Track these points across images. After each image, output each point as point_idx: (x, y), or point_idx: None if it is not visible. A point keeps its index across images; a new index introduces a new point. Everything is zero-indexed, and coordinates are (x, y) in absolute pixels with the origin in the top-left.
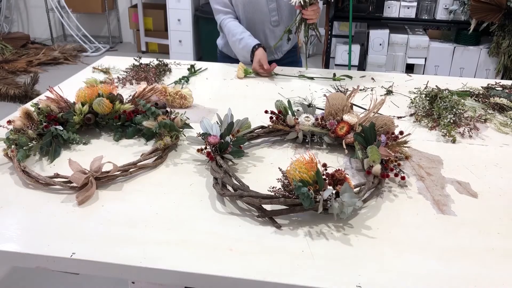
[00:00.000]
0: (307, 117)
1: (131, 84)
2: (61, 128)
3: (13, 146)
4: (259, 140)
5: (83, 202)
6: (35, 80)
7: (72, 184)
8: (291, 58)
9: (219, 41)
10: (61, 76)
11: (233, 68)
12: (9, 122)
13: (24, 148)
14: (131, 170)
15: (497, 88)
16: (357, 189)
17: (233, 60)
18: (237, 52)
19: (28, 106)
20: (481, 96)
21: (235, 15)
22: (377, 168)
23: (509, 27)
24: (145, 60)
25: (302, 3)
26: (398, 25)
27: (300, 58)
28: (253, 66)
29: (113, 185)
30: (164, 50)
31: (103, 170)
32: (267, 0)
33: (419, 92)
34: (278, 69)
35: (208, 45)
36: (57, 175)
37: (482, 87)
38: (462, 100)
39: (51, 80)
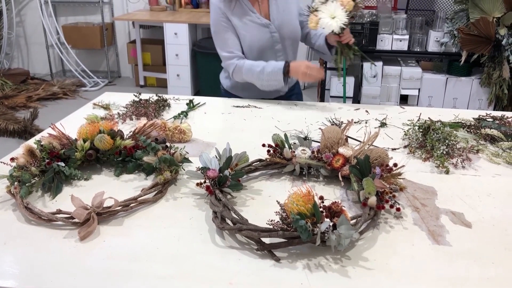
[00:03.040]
0: (304, 150)
1: (131, 119)
2: (63, 164)
3: (16, 183)
4: (257, 173)
5: (85, 237)
6: (34, 115)
7: (74, 220)
8: (295, 90)
9: (225, 81)
10: (60, 111)
11: (231, 102)
12: (12, 159)
13: (27, 184)
14: (132, 205)
15: (487, 119)
16: (354, 221)
17: (240, 98)
18: (265, 79)
19: (31, 143)
20: (472, 127)
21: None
22: (372, 200)
23: (499, 58)
24: (144, 96)
25: (338, 31)
26: (391, 57)
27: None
28: (303, 66)
29: (114, 220)
30: (162, 84)
31: (105, 205)
32: (273, 42)
33: (412, 124)
34: (278, 103)
35: (205, 78)
36: (59, 211)
37: (473, 118)
38: (455, 132)
39: (51, 115)
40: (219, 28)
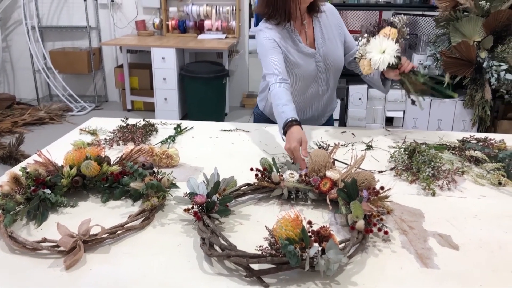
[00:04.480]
0: (291, 173)
1: (118, 145)
2: (49, 191)
3: (0, 211)
4: (245, 198)
5: (71, 266)
6: (20, 141)
7: (60, 248)
8: (331, 120)
9: (262, 102)
10: (46, 136)
11: (219, 125)
12: None
13: (11, 213)
14: (118, 232)
15: (472, 141)
16: (342, 245)
17: (274, 122)
18: (275, 113)
19: (16, 170)
20: (457, 149)
21: (288, 82)
22: (360, 223)
23: (481, 80)
24: (132, 121)
25: (394, 62)
26: None
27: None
28: (294, 145)
29: (101, 248)
30: (149, 108)
31: (91, 233)
32: (318, 72)
33: (398, 147)
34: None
35: (193, 102)
36: (44, 240)
37: (458, 140)
38: (440, 154)
39: (36, 140)
40: (265, 50)
